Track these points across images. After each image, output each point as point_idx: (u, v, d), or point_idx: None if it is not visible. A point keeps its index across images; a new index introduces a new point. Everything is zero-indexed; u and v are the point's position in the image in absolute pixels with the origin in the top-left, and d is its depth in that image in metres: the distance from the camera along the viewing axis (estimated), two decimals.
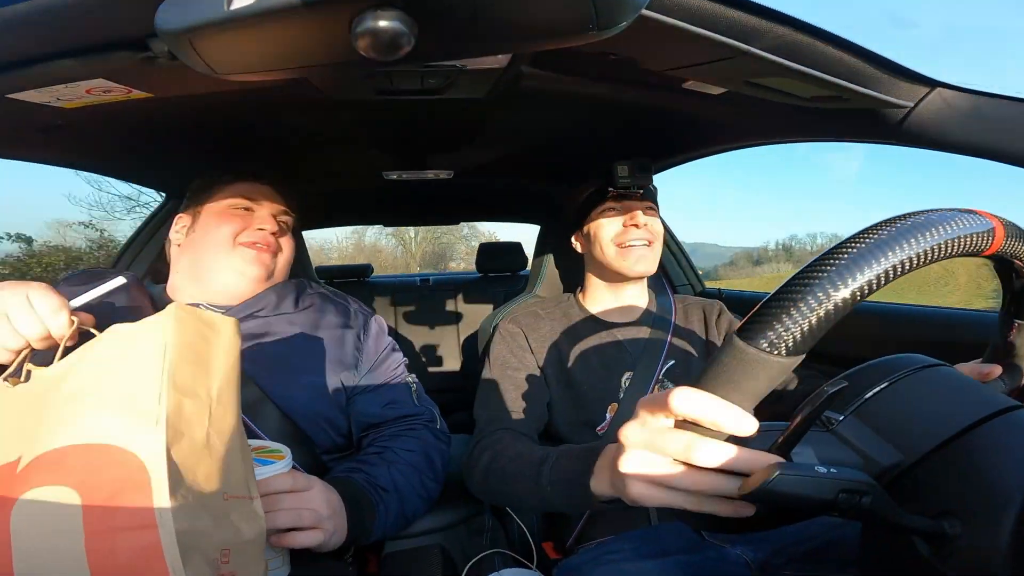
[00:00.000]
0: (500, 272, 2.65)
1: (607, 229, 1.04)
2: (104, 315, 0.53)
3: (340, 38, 0.42)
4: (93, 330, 0.59)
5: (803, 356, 0.39)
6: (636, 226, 1.01)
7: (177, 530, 0.44)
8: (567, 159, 1.41)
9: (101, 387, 0.50)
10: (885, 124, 0.73)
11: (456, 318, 2.54)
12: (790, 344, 0.38)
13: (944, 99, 0.67)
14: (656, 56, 0.66)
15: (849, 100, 0.69)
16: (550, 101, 0.95)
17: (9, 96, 0.66)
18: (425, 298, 2.59)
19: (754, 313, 0.40)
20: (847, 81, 0.64)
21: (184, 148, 1.11)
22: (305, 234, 1.84)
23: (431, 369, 2.40)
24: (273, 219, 0.95)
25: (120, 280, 0.72)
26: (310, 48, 0.48)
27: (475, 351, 1.26)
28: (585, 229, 1.09)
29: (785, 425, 0.42)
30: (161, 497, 0.44)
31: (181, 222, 0.97)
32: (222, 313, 0.88)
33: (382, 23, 0.40)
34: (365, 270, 2.74)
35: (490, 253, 2.64)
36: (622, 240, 1.02)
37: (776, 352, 0.39)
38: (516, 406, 0.96)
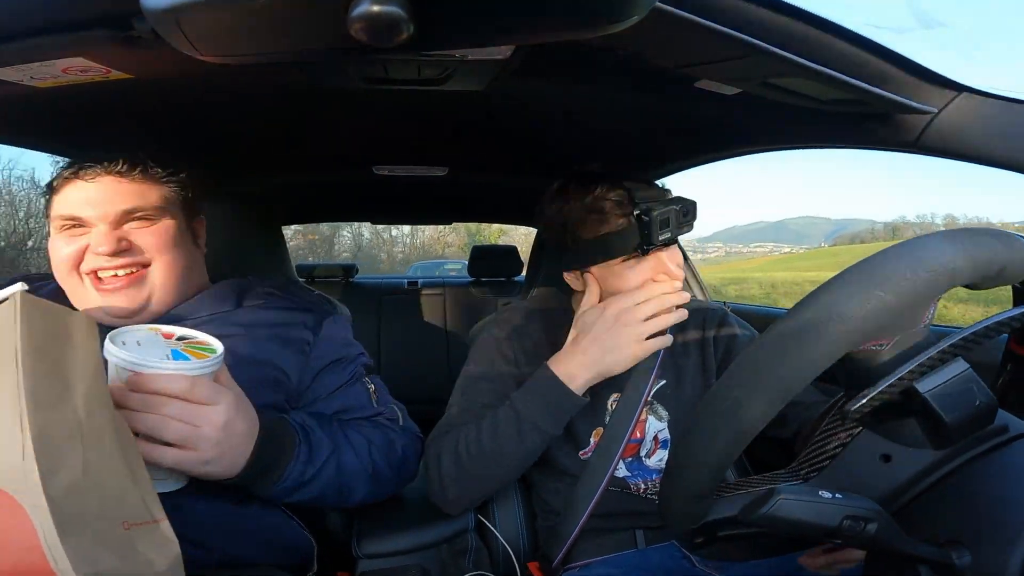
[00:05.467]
0: (493, 277, 2.65)
1: (630, 281, 0.89)
2: None
3: (334, 21, 0.42)
4: None
5: None
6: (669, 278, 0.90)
7: None
8: (569, 159, 1.42)
9: None
10: (907, 131, 0.74)
11: (444, 324, 2.54)
12: None
13: (971, 105, 0.67)
14: (668, 52, 0.67)
15: (869, 104, 0.70)
16: (553, 97, 0.95)
17: None
18: (413, 301, 2.58)
19: None
20: (868, 84, 0.65)
21: (163, 134, 1.11)
22: None
23: (415, 378, 2.39)
24: (111, 233, 0.81)
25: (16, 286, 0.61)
26: (302, 31, 0.48)
27: (463, 361, 1.25)
28: (593, 271, 0.93)
29: None
30: (52, 543, 0.41)
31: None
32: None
33: (380, 7, 0.40)
34: (349, 270, 2.73)
35: (483, 256, 2.64)
36: None
37: None
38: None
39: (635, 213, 0.86)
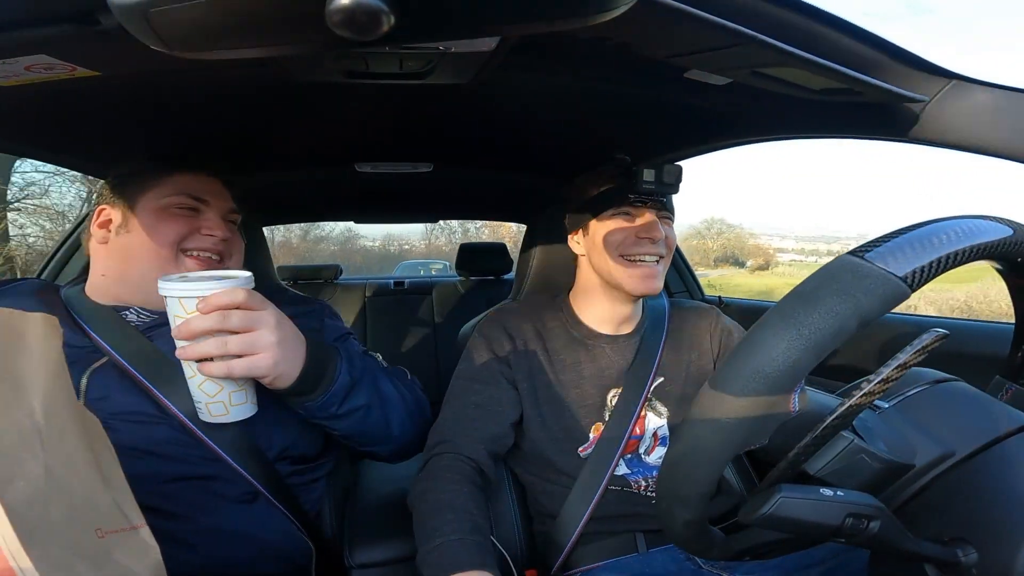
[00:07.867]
0: (482, 275, 2.64)
1: (615, 236, 0.98)
2: None
3: (313, 14, 0.42)
4: None
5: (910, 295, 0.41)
6: (651, 239, 0.96)
7: None
8: (557, 153, 1.41)
9: None
10: (898, 120, 0.74)
11: (433, 326, 2.53)
12: (919, 273, 0.40)
13: (963, 93, 0.68)
14: (657, 42, 0.67)
15: (861, 93, 0.70)
16: (540, 90, 0.95)
17: None
18: (399, 303, 2.57)
19: (882, 238, 0.42)
20: (859, 72, 0.65)
21: (135, 134, 1.09)
22: None
23: None
24: (223, 221, 0.94)
25: None
26: (279, 25, 0.47)
27: (452, 364, 1.24)
28: (590, 229, 1.02)
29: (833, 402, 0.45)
30: (16, 554, 0.40)
31: (106, 215, 0.92)
32: (155, 320, 0.86)
33: None
34: (334, 271, 2.72)
35: (472, 254, 2.64)
36: (631, 253, 0.97)
37: (901, 276, 0.39)
38: (471, 427, 0.94)
39: (626, 170, 0.98)
